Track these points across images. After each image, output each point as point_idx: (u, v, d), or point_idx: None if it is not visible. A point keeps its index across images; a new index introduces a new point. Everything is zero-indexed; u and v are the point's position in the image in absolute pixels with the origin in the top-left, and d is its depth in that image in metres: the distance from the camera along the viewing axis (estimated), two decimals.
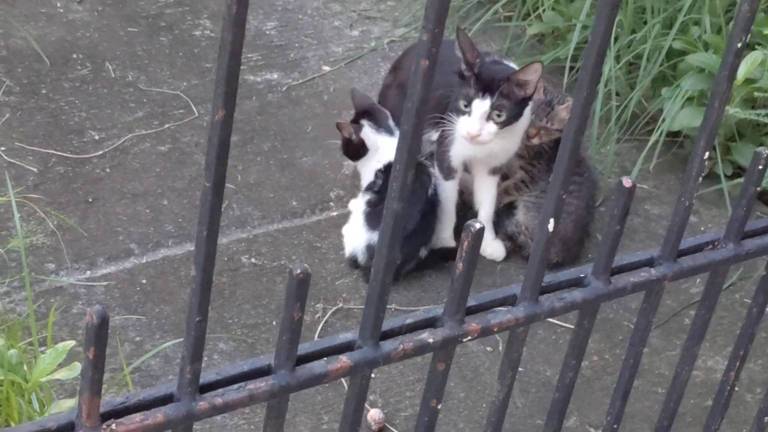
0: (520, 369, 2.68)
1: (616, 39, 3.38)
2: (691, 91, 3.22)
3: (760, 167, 1.52)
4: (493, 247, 2.98)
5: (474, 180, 2.99)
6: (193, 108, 3.24)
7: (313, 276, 2.81)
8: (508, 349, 1.48)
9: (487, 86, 2.71)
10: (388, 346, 1.35)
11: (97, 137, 3.08)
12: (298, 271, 1.23)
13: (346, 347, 1.34)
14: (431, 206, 2.86)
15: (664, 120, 3.22)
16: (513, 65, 2.85)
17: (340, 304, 2.74)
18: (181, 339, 2.59)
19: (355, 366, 1.32)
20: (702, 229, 3.16)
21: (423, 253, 2.85)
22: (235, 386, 1.26)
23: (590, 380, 2.68)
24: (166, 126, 3.15)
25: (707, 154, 1.47)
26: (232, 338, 2.61)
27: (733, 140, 3.30)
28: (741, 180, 3.17)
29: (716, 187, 3.22)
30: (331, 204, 3.03)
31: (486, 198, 2.98)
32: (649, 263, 1.54)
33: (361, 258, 2.83)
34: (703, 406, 2.64)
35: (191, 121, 3.19)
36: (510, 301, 1.46)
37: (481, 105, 2.71)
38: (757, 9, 1.36)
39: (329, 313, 2.72)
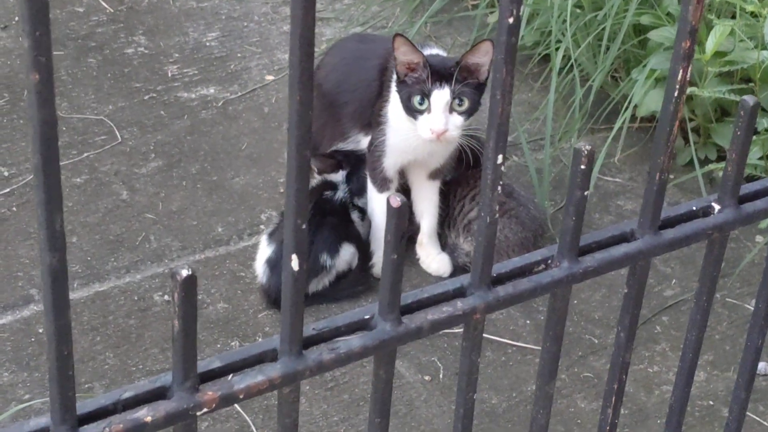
0: None
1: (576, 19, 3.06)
2: (659, 70, 2.89)
3: (582, 167, 1.22)
4: (438, 262, 2.68)
5: (412, 189, 2.70)
6: (117, 133, 2.98)
7: (234, 309, 2.56)
8: (279, 414, 1.20)
9: (441, 76, 2.43)
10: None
11: (6, 173, 2.83)
12: None
13: None
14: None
15: (636, 106, 2.90)
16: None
17: (260, 340, 2.46)
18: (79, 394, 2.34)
19: None
20: None
21: (331, 275, 2.57)
22: None
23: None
24: (85, 155, 2.89)
25: (500, 158, 1.17)
26: None
27: (716, 121, 2.97)
28: (719, 165, 2.85)
29: (693, 174, 2.90)
30: (262, 227, 2.74)
31: (428, 207, 2.69)
32: (460, 293, 1.25)
33: (262, 276, 2.55)
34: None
35: (113, 148, 2.93)
36: (270, 357, 1.18)
37: (441, 95, 2.42)
38: None
39: None
